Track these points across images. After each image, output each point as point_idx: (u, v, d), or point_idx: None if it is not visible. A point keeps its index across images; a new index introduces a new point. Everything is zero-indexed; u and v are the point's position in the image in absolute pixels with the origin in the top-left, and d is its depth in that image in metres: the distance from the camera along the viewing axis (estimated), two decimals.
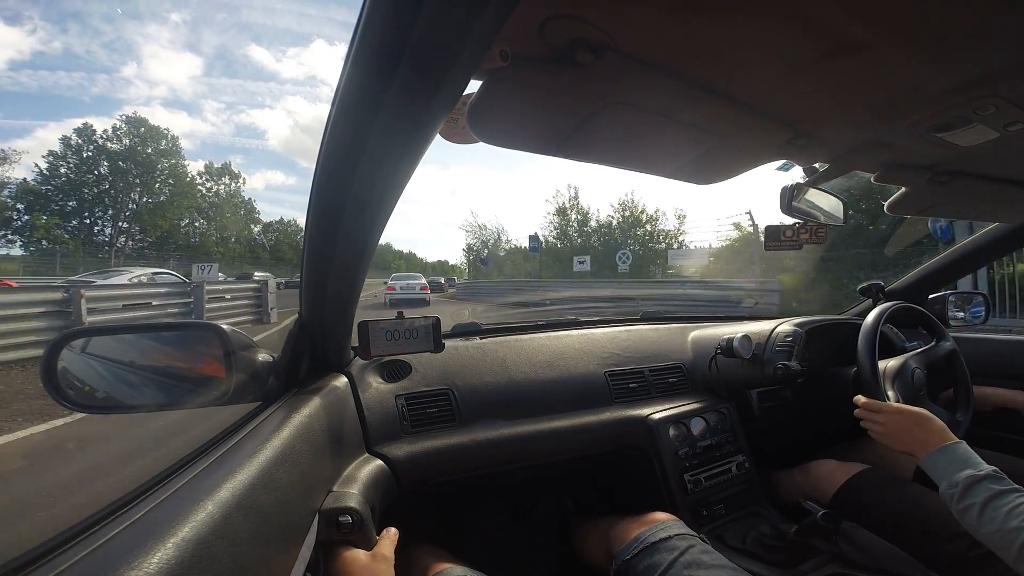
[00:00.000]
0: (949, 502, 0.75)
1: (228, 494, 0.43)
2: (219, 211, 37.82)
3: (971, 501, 0.72)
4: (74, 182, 29.22)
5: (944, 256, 1.46)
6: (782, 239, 1.12)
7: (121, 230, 31.41)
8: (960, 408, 1.11)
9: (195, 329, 0.72)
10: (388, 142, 0.46)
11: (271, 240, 44.02)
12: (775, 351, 1.15)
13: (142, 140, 31.16)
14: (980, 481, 0.73)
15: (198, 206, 36.44)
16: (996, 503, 0.70)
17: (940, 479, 0.77)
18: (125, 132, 30.99)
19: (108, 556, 0.34)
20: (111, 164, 29.87)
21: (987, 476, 0.73)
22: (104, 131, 30.82)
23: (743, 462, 1.12)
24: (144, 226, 31.46)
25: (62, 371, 0.62)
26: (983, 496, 0.71)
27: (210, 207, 37.64)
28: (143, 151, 30.80)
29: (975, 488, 0.72)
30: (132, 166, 30.40)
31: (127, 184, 30.45)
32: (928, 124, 0.67)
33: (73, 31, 44.01)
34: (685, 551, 0.77)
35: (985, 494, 0.71)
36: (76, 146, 29.40)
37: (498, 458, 0.96)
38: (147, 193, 31.68)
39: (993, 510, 0.69)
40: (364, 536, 0.65)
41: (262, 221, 45.34)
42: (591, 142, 0.69)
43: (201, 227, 37.20)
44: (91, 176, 29.71)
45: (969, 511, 0.72)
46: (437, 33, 0.35)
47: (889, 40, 0.49)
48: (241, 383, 0.68)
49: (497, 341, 1.16)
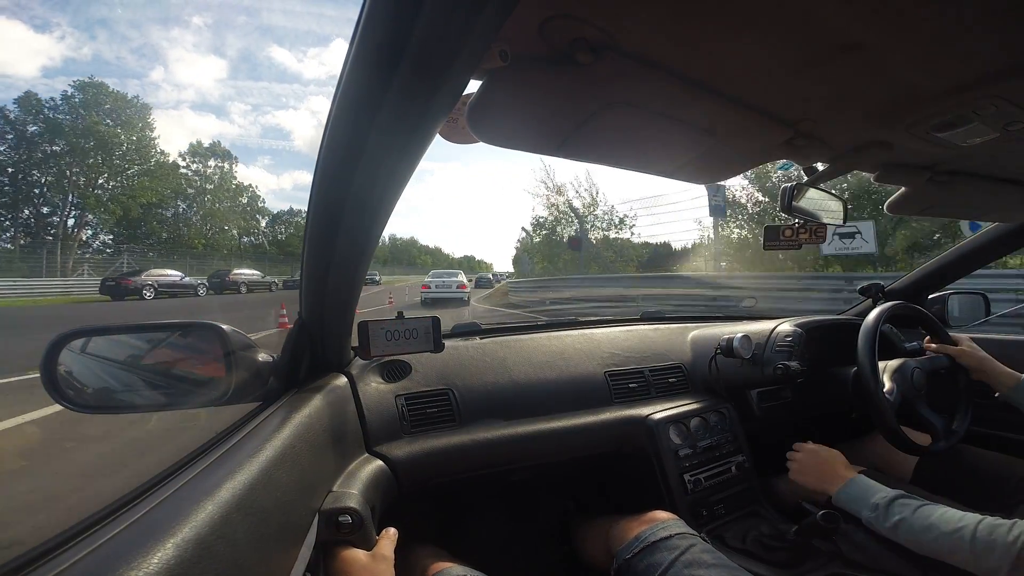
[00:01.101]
0: (875, 524, 0.80)
1: (228, 494, 0.43)
2: (212, 198, 33.21)
3: (899, 516, 0.77)
4: (18, 164, 23.81)
5: (944, 256, 1.46)
6: (781, 239, 1.12)
7: (85, 221, 26.10)
8: (958, 414, 1.11)
9: (195, 329, 0.72)
10: (388, 142, 0.47)
11: (282, 234, 40.32)
12: (775, 351, 1.15)
13: (96, 108, 25.20)
14: (896, 499, 0.80)
15: (183, 192, 31.31)
16: (923, 512, 0.76)
17: (860, 509, 0.84)
18: (80, 102, 24.83)
19: (108, 556, 0.34)
20: (69, 141, 24.29)
21: (899, 495, 0.81)
22: (50, 99, 24.83)
23: (743, 462, 1.12)
24: (102, 214, 25.90)
25: (62, 371, 0.62)
26: (908, 510, 0.78)
27: (198, 194, 32.62)
28: (101, 123, 25.23)
29: (893, 506, 0.79)
30: (90, 143, 24.72)
31: (86, 166, 25.03)
32: (928, 124, 0.67)
33: (102, 37, 44.15)
34: (686, 550, 0.77)
35: (908, 508, 0.78)
36: (17, 119, 23.60)
37: (498, 458, 0.96)
38: (112, 175, 26.29)
39: (924, 518, 0.76)
40: (364, 536, 0.65)
41: (269, 212, 40.95)
42: (591, 142, 0.69)
43: (185, 215, 32.05)
44: (39, 155, 24.24)
45: (902, 524, 0.77)
46: (437, 33, 0.35)
47: (889, 40, 0.49)
48: (241, 383, 0.68)
49: (497, 341, 1.16)
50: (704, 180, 0.89)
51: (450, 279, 14.71)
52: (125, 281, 16.10)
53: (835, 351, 1.25)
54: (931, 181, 0.91)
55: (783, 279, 9.31)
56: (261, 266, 27.17)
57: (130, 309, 13.23)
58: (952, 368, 1.13)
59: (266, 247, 37.28)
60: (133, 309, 13.23)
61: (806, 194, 0.92)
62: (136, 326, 0.72)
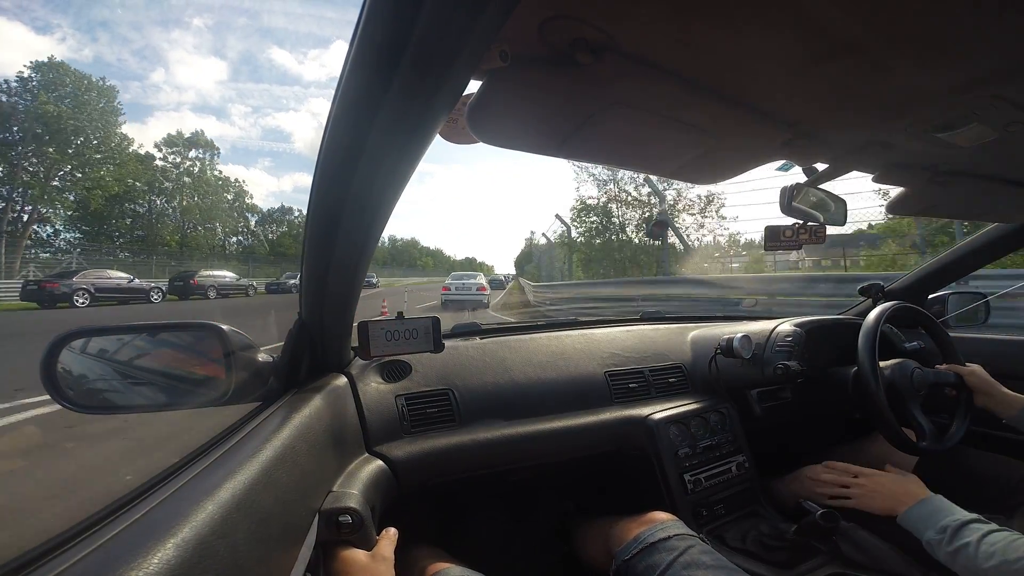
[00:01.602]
0: (935, 548, 0.79)
1: (228, 494, 0.43)
2: (191, 192, 30.48)
3: (965, 540, 0.75)
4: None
5: (944, 256, 1.46)
6: (781, 239, 1.12)
7: (39, 216, 23.43)
8: (957, 417, 1.11)
9: (195, 329, 0.72)
10: (388, 142, 0.47)
11: (273, 233, 38.09)
12: (775, 351, 1.15)
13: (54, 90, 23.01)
14: (968, 524, 0.77)
15: (158, 185, 28.53)
16: (991, 539, 0.73)
17: (924, 529, 0.82)
18: (40, 84, 22.91)
19: (108, 556, 0.34)
20: (21, 127, 22.51)
21: (974, 519, 0.78)
22: (3, 81, 22.79)
23: (743, 462, 1.12)
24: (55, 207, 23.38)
25: (62, 371, 0.62)
26: (976, 535, 0.75)
27: (177, 188, 29.87)
28: (56, 106, 23.15)
29: (963, 530, 0.77)
30: (40, 128, 22.56)
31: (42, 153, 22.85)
32: (928, 124, 0.67)
33: (103, 39, 43.91)
34: (684, 551, 0.77)
35: (977, 533, 0.75)
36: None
37: (498, 458, 0.96)
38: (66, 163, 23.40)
39: (989, 545, 0.73)
40: (364, 536, 0.65)
41: (259, 209, 38.17)
42: (591, 142, 0.69)
43: (161, 211, 29.42)
44: None
45: (963, 551, 0.75)
46: (437, 33, 0.35)
47: (889, 40, 0.49)
48: (241, 383, 0.68)
49: (497, 341, 1.16)
50: (704, 180, 0.89)
51: (470, 281, 14.46)
52: (49, 285, 13.38)
53: (835, 351, 1.25)
54: (931, 181, 0.91)
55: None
56: (247, 269, 24.56)
57: (56, 320, 10.21)
58: (957, 385, 1.13)
59: (256, 247, 35.12)
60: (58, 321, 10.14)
61: (806, 194, 0.92)
62: (136, 326, 0.72)
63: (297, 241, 38.05)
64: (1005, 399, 1.05)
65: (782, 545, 0.93)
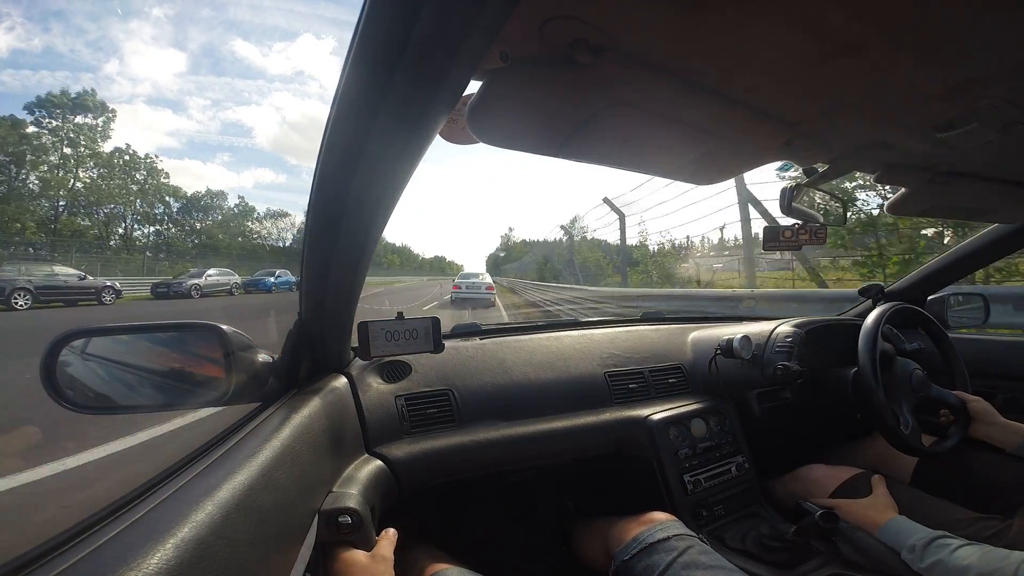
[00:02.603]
0: (913, 566, 0.81)
1: (228, 495, 0.43)
2: (73, 166, 23.39)
3: (936, 557, 0.78)
4: None
5: (944, 257, 1.46)
6: (781, 239, 1.12)
7: None
8: (953, 426, 1.10)
9: (195, 329, 0.72)
10: (388, 142, 0.47)
11: (201, 222, 31.28)
12: (775, 352, 1.15)
13: None
14: (934, 540, 0.80)
15: (20, 156, 21.78)
16: (961, 553, 0.76)
17: (898, 549, 0.84)
18: None
19: (108, 556, 0.34)
20: None
21: (939, 535, 0.81)
22: None
23: (743, 463, 1.12)
24: None
25: (61, 372, 0.62)
26: (945, 552, 0.77)
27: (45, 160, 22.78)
28: None
29: (931, 547, 0.79)
30: None
31: None
32: (928, 124, 0.67)
33: (56, 30, 43.19)
34: (683, 552, 0.77)
35: (946, 549, 0.78)
36: None
37: (498, 459, 0.96)
38: None
39: (961, 559, 0.75)
40: (364, 536, 0.65)
41: (183, 194, 31.33)
42: (591, 143, 0.69)
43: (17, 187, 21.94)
44: None
45: (937, 567, 0.77)
46: (437, 33, 0.35)
47: (889, 40, 0.49)
48: (241, 383, 0.68)
49: (497, 342, 1.16)
50: (704, 181, 0.89)
51: (479, 280, 15.48)
52: None
53: (835, 352, 1.25)
54: (931, 181, 0.91)
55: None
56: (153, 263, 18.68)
57: None
58: (958, 409, 1.12)
59: (175, 240, 28.13)
60: None
61: (806, 195, 0.92)
62: (136, 326, 0.72)
63: (232, 235, 34.49)
64: (1007, 429, 1.04)
65: (781, 546, 0.93)
